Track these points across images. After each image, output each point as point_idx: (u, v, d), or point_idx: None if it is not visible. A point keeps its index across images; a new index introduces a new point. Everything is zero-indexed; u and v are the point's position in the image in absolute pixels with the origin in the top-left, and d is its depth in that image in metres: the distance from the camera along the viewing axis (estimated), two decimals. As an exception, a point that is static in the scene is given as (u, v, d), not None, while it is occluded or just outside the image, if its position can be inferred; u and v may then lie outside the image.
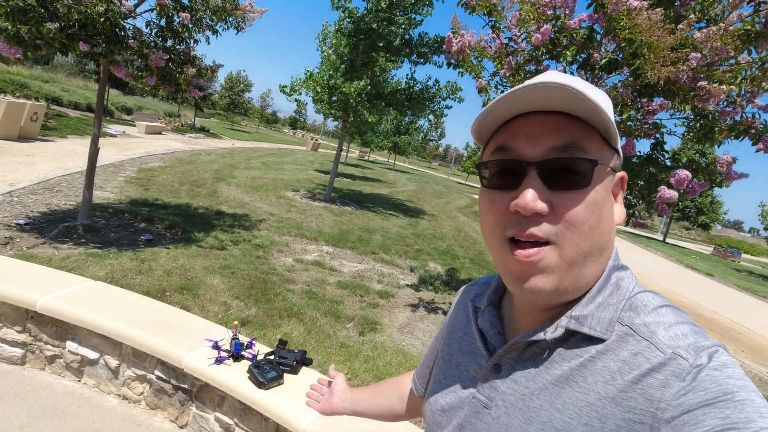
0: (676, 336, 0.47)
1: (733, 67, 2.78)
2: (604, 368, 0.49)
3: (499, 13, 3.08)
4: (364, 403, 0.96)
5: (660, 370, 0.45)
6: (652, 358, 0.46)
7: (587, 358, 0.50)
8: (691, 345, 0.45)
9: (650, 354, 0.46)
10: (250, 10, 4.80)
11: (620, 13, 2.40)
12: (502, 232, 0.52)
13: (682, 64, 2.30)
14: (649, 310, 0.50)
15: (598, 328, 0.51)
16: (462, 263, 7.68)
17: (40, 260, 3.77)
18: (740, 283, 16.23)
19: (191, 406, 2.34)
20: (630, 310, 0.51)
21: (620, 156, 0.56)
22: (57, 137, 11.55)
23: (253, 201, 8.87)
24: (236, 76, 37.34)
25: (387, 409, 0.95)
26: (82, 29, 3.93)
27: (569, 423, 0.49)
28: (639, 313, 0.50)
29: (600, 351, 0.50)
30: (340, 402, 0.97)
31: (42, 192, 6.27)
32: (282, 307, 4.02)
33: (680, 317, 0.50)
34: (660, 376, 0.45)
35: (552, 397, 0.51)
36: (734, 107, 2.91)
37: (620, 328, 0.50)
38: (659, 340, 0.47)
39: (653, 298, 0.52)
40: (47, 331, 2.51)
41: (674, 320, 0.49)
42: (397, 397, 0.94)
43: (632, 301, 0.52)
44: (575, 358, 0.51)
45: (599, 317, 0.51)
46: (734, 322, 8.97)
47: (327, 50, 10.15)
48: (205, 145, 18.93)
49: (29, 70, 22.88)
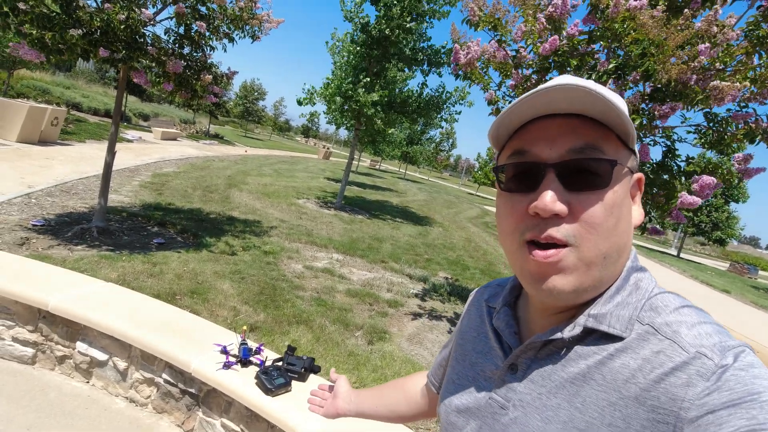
0: (699, 335, 0.46)
1: (739, 68, 2.70)
2: (624, 366, 0.47)
3: (504, 27, 3.08)
4: (368, 404, 0.95)
5: (684, 369, 0.44)
6: (675, 357, 0.45)
7: (605, 356, 0.49)
8: (716, 344, 0.44)
9: (673, 352, 0.45)
10: (267, 20, 4.87)
11: (620, 14, 2.37)
12: (520, 235, 0.52)
13: (691, 61, 2.26)
14: (671, 310, 0.49)
15: (617, 326, 0.50)
16: (472, 274, 7.61)
17: (54, 261, 3.81)
18: (758, 301, 15.80)
19: (198, 411, 2.33)
20: (650, 310, 0.50)
21: (637, 157, 0.56)
22: (76, 141, 11.80)
23: (265, 207, 8.92)
24: (251, 85, 37.96)
25: (392, 410, 0.94)
26: (103, 36, 4.02)
27: (591, 423, 0.48)
28: (660, 312, 0.49)
29: (619, 349, 0.49)
30: (345, 404, 0.96)
31: (59, 194, 6.39)
32: (291, 313, 4.01)
33: (703, 317, 0.48)
34: (684, 375, 0.43)
35: (570, 395, 0.50)
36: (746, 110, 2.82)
37: (640, 327, 0.49)
38: (682, 338, 0.46)
39: (674, 299, 0.51)
40: (58, 331, 2.53)
41: (697, 320, 0.48)
42: (403, 398, 0.93)
43: (652, 301, 0.51)
44: (593, 355, 0.50)
45: (618, 315, 0.50)
46: (752, 340, 8.72)
47: (339, 60, 10.25)
48: (219, 152, 19.19)
49: (51, 76, 23.53)
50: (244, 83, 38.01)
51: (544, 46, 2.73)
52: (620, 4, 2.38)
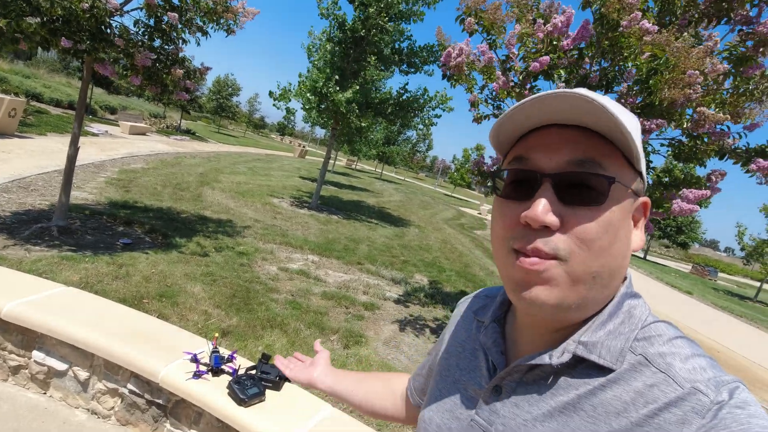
0: (694, 369, 0.45)
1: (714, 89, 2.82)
2: (615, 398, 0.46)
3: (498, 29, 3.07)
4: (345, 384, 0.90)
5: (678, 406, 0.43)
6: (669, 392, 0.44)
7: (596, 386, 0.48)
8: (711, 380, 0.44)
9: (667, 388, 0.44)
10: (242, 13, 4.73)
11: (632, 31, 2.40)
12: (508, 242, 0.50)
13: (689, 88, 2.32)
14: (664, 341, 0.48)
15: (607, 357, 0.48)
16: (448, 276, 7.64)
17: (9, 263, 3.58)
18: (717, 302, 16.60)
19: (165, 422, 2.22)
20: (643, 340, 0.49)
21: (644, 180, 0.53)
22: (36, 134, 11.20)
23: (238, 207, 8.70)
24: (224, 80, 37.02)
25: (367, 401, 0.89)
26: (65, 25, 3.80)
27: None
28: (653, 343, 0.48)
29: (610, 380, 0.48)
30: (321, 376, 0.91)
31: (16, 190, 6.03)
32: (265, 317, 3.90)
33: (696, 350, 0.48)
34: (678, 411, 0.42)
35: (559, 425, 0.48)
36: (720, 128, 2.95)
37: (632, 357, 0.48)
38: (677, 373, 0.45)
39: (667, 329, 0.50)
40: (12, 340, 2.35)
41: (690, 352, 0.47)
42: (384, 393, 0.89)
43: (645, 330, 0.50)
44: (582, 385, 0.49)
45: (609, 346, 0.49)
46: (713, 341, 9.12)
47: (316, 59, 10.10)
48: (191, 148, 18.64)
49: (9, 64, 22.31)
50: (218, 78, 36.97)
51: (534, 65, 2.77)
52: (635, 19, 2.40)
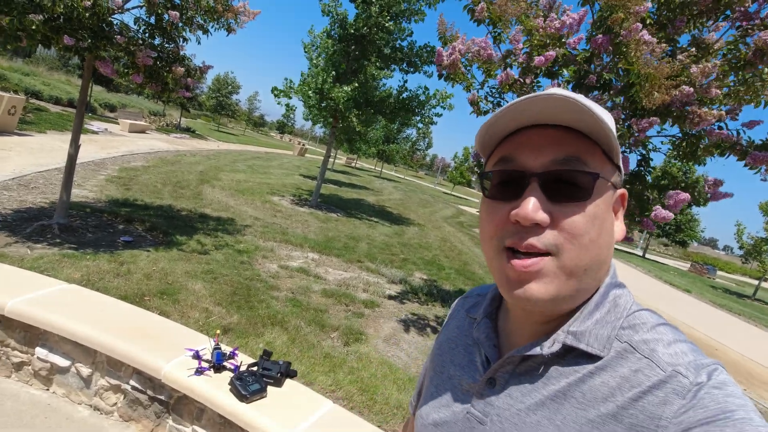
0: (675, 354, 0.47)
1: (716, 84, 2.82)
2: (603, 384, 0.49)
3: (505, 23, 3.06)
4: None
5: (660, 388, 0.45)
6: (652, 376, 0.46)
7: (585, 374, 0.50)
8: (691, 363, 0.46)
9: (650, 372, 0.47)
10: (243, 12, 4.73)
11: (631, 40, 2.41)
12: (500, 241, 0.52)
13: (674, 90, 2.33)
14: (648, 328, 0.51)
15: (595, 345, 0.51)
16: (447, 274, 7.67)
17: (11, 260, 3.60)
18: (716, 300, 16.63)
19: (167, 418, 2.24)
20: (629, 328, 0.51)
21: (621, 173, 0.57)
22: (35, 132, 11.19)
23: (238, 205, 8.71)
24: (224, 78, 36.95)
25: None
26: (67, 22, 3.80)
27: None
28: (638, 330, 0.51)
29: (598, 367, 0.50)
30: None
31: (16, 188, 6.04)
32: (265, 314, 3.92)
33: (678, 336, 0.50)
34: (660, 393, 0.45)
35: (551, 413, 0.50)
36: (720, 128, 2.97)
37: (618, 344, 0.50)
38: (659, 357, 0.47)
39: (651, 317, 0.53)
40: (15, 336, 2.37)
41: (672, 338, 0.49)
42: None
43: (630, 318, 0.52)
44: (572, 374, 0.51)
45: (597, 334, 0.51)
46: (711, 338, 9.15)
47: (316, 56, 10.09)
48: (190, 146, 18.63)
49: (9, 61, 22.26)
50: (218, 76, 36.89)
51: (539, 59, 2.77)
52: (635, 30, 2.40)
